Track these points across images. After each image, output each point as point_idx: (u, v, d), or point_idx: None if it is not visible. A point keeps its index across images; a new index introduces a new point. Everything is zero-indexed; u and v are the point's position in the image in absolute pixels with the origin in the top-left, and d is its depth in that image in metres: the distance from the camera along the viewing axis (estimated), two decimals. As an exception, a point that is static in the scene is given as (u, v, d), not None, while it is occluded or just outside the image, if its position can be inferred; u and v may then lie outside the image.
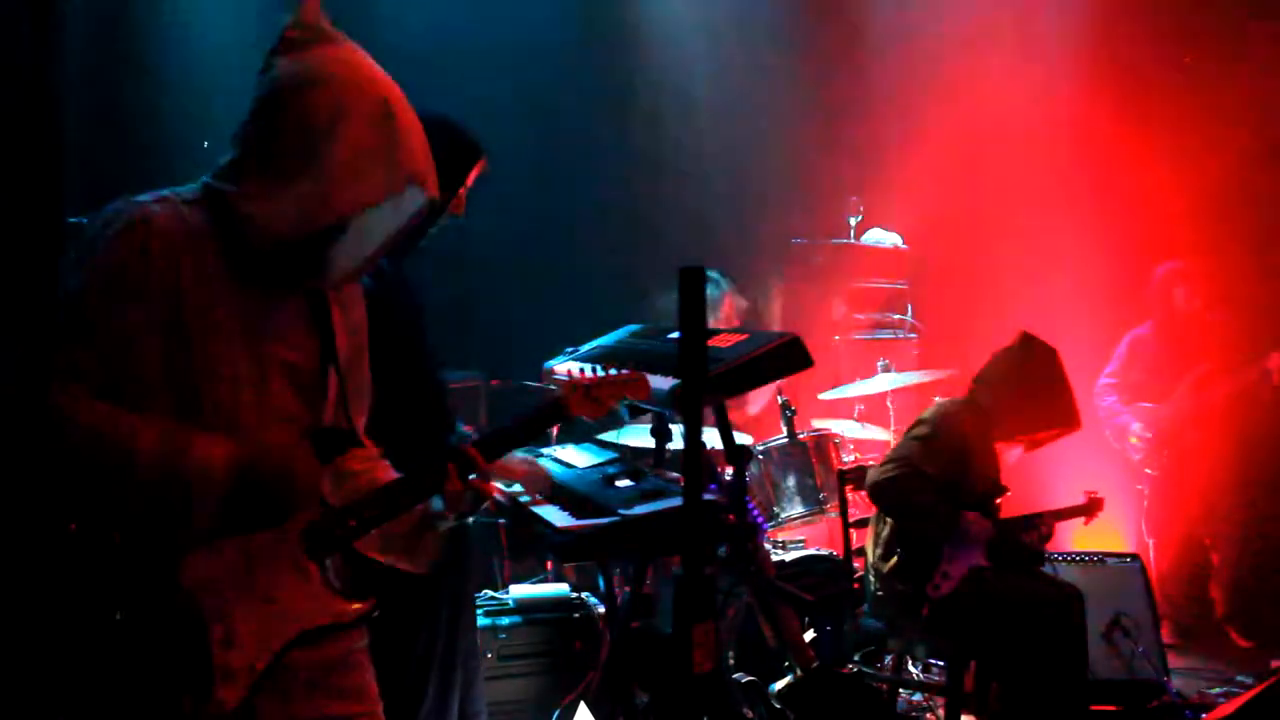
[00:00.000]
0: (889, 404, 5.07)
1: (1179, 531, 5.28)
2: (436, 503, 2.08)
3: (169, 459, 1.75)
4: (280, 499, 1.84)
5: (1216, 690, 4.44)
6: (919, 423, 3.70)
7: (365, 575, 2.05)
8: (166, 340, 1.79)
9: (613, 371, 2.31)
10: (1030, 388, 3.66)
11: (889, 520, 3.65)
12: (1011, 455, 3.85)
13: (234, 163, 1.86)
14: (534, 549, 4.44)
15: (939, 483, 3.52)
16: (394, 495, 2.01)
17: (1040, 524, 3.72)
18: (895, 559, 3.60)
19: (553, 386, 3.26)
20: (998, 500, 3.69)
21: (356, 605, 1.93)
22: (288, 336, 1.91)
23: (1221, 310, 5.34)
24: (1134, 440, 5.31)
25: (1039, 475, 5.27)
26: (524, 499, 2.85)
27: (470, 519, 2.14)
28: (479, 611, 3.61)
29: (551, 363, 3.33)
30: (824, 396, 4.97)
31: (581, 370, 2.28)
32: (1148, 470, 5.33)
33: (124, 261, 1.78)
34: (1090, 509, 3.86)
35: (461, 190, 2.79)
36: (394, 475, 2.08)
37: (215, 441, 1.79)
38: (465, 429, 4.53)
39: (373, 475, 2.07)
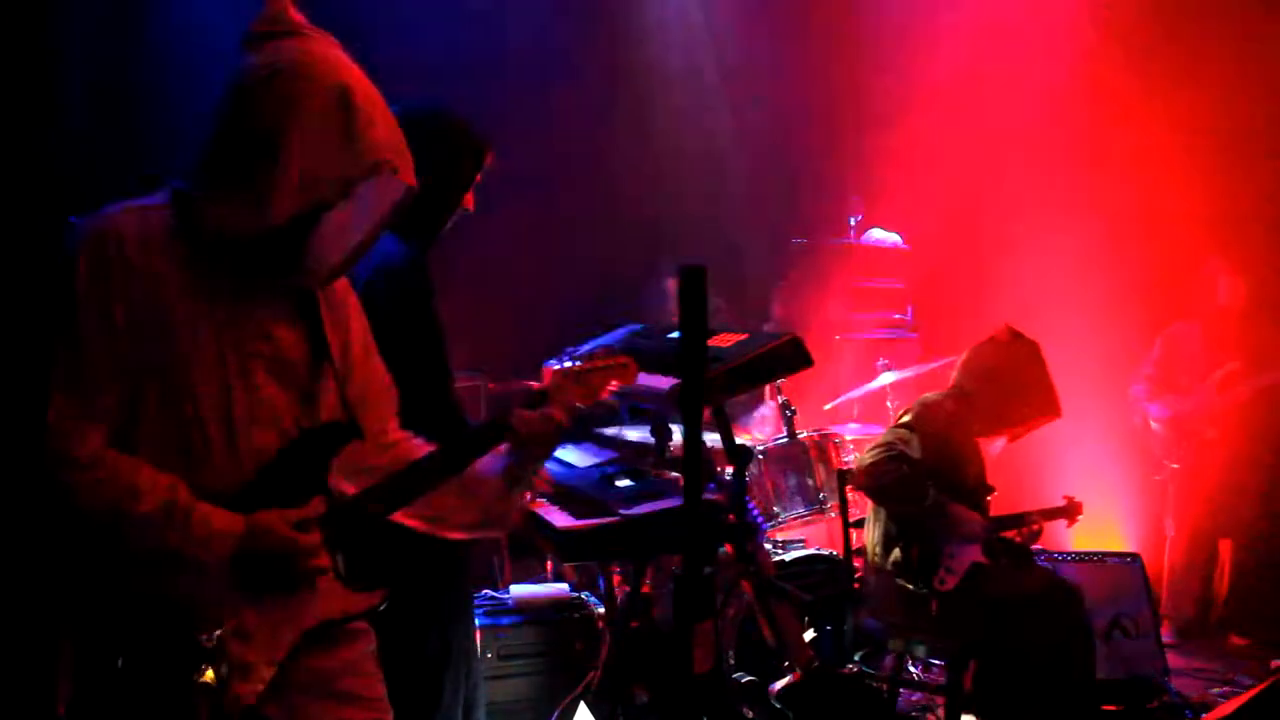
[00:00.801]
0: (889, 404, 5.07)
1: (1191, 527, 5.27)
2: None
3: (170, 529, 1.74)
4: (283, 574, 1.82)
5: (1216, 690, 4.44)
6: (903, 414, 3.74)
7: (378, 567, 2.05)
8: (150, 346, 1.78)
9: (600, 359, 2.31)
10: (1016, 384, 3.68)
11: (886, 516, 3.66)
12: (995, 447, 3.86)
13: (195, 166, 1.84)
14: (534, 549, 4.44)
15: (923, 470, 3.53)
16: (431, 468, 2.02)
17: (1031, 522, 3.74)
18: (896, 556, 3.60)
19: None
20: (987, 499, 3.70)
21: (366, 598, 1.94)
22: (271, 334, 1.89)
23: (1261, 308, 5.27)
24: (1154, 425, 5.28)
25: (1048, 470, 5.28)
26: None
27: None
28: (479, 611, 3.62)
29: (552, 362, 3.33)
30: (828, 407, 4.98)
31: (572, 361, 2.28)
32: (1169, 463, 5.30)
33: (95, 279, 1.76)
34: (1069, 512, 3.86)
35: (473, 183, 2.78)
36: (422, 453, 2.08)
37: (217, 515, 1.78)
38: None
39: (391, 463, 2.07)
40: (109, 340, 1.76)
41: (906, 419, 3.67)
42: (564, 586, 3.96)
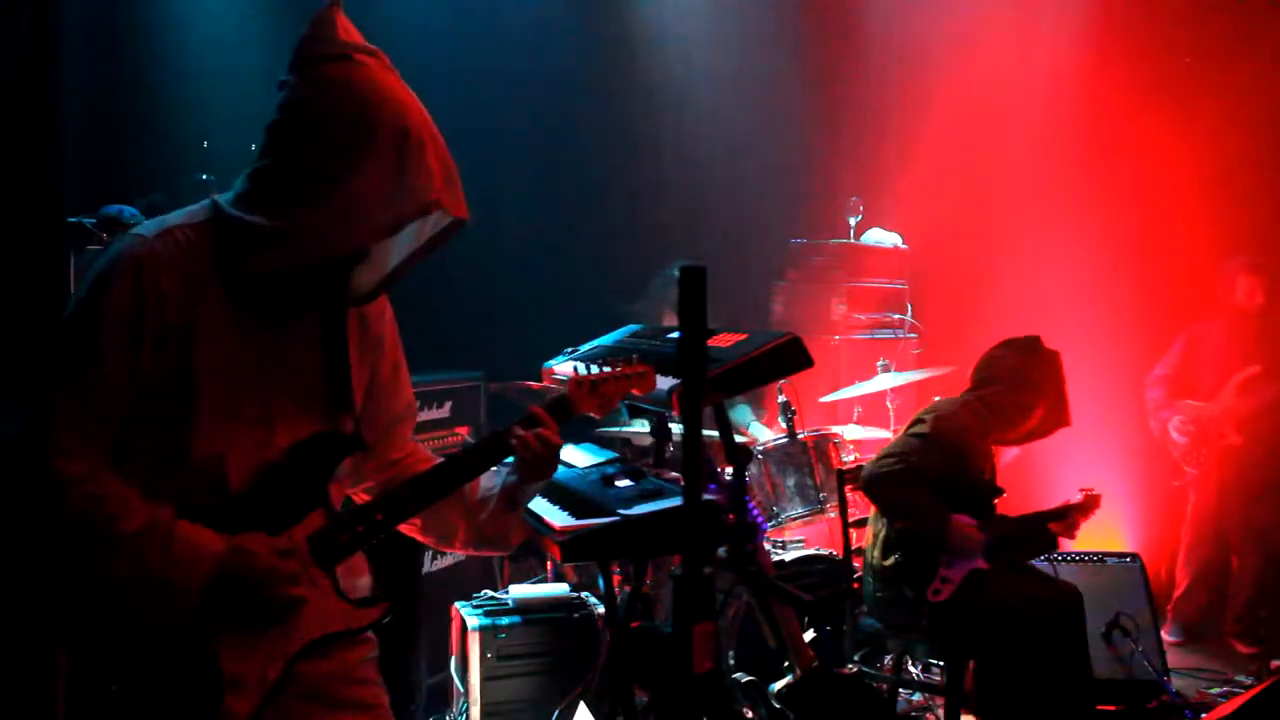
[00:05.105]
0: (889, 404, 5.07)
1: (1208, 531, 5.26)
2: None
3: (150, 549, 1.72)
4: (260, 599, 1.79)
5: (1216, 690, 4.44)
6: (917, 421, 3.70)
7: (383, 580, 2.05)
8: (166, 379, 1.76)
9: (618, 366, 2.28)
10: (1040, 395, 3.67)
11: (888, 520, 3.65)
12: (1007, 454, 3.86)
13: (247, 192, 1.80)
14: (534, 549, 4.44)
15: (933, 481, 3.52)
16: (436, 480, 1.99)
17: (1070, 517, 3.72)
18: (894, 560, 3.60)
19: (553, 387, 3.26)
20: (994, 502, 3.70)
21: (368, 612, 1.93)
22: (297, 358, 1.89)
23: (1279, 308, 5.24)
24: (1174, 434, 5.26)
25: (1050, 471, 5.28)
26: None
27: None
28: (479, 611, 3.62)
29: (551, 363, 3.34)
30: (825, 400, 4.96)
31: (587, 367, 2.25)
32: (1187, 467, 5.28)
33: (127, 304, 1.74)
34: (1088, 506, 3.85)
35: None
36: (427, 467, 2.07)
37: (200, 536, 1.76)
38: (460, 430, 4.53)
39: (395, 477, 2.06)
40: (129, 369, 1.74)
41: (920, 429, 3.63)
42: (564, 586, 3.96)
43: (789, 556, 4.16)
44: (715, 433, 2.94)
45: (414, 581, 3.14)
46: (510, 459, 2.07)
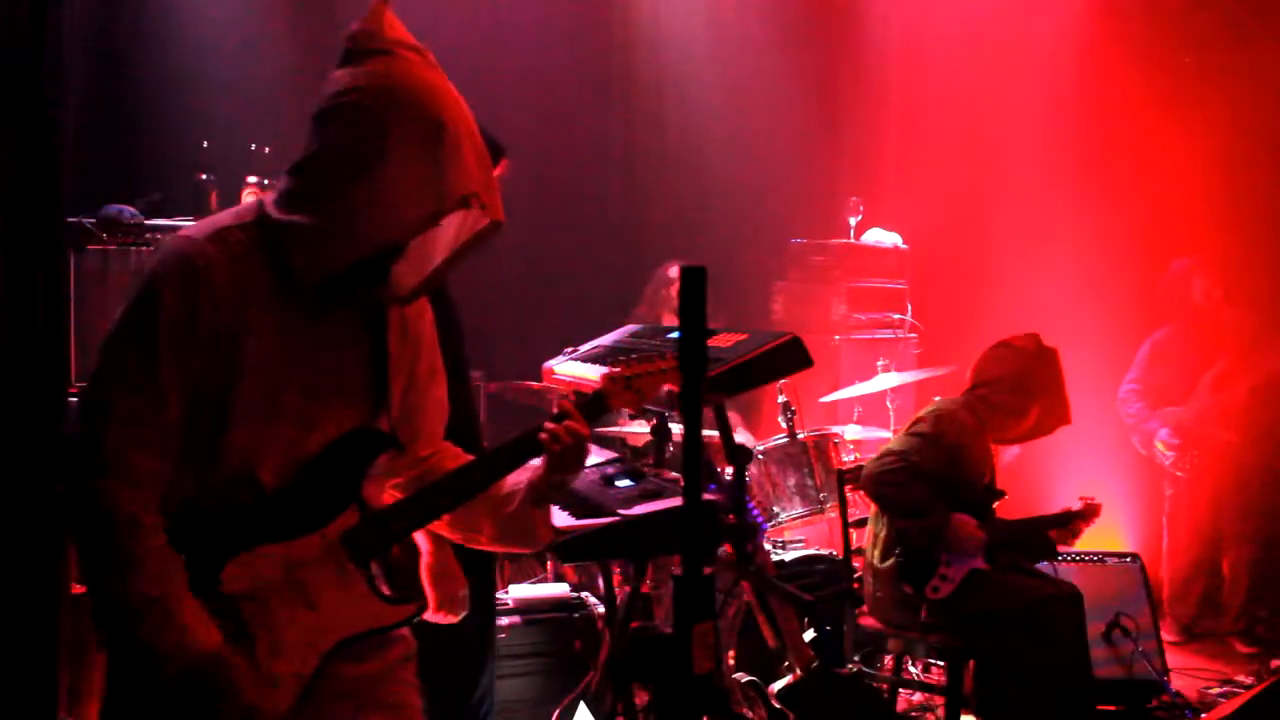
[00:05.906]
0: (889, 404, 5.07)
1: (1199, 531, 5.25)
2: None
3: (146, 621, 1.70)
4: (217, 710, 1.75)
5: (1216, 690, 4.44)
6: (918, 420, 3.71)
7: (412, 579, 2.05)
8: (212, 379, 1.77)
9: (653, 361, 2.26)
10: (1040, 393, 3.68)
11: (888, 520, 3.66)
12: (1009, 454, 3.86)
13: (289, 190, 1.81)
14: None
15: (933, 481, 3.53)
16: (459, 485, 1.99)
17: (1072, 525, 3.73)
18: (893, 559, 3.61)
19: (553, 386, 3.26)
20: (995, 505, 3.70)
21: (401, 609, 1.93)
22: (337, 358, 1.89)
23: (1240, 304, 5.25)
24: (1160, 447, 5.24)
25: (1049, 472, 5.28)
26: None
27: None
28: (479, 611, 3.62)
29: (552, 362, 3.34)
30: (825, 400, 4.97)
31: (621, 361, 2.21)
32: (1177, 472, 5.26)
33: (182, 310, 1.74)
34: (1089, 514, 3.84)
35: None
36: (456, 464, 2.07)
37: (198, 622, 1.74)
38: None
39: (424, 474, 2.07)
40: (184, 376, 1.75)
41: (920, 428, 3.64)
42: (564, 586, 3.96)
43: (789, 556, 4.16)
44: (715, 432, 2.94)
45: (490, 586, 3.11)
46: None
